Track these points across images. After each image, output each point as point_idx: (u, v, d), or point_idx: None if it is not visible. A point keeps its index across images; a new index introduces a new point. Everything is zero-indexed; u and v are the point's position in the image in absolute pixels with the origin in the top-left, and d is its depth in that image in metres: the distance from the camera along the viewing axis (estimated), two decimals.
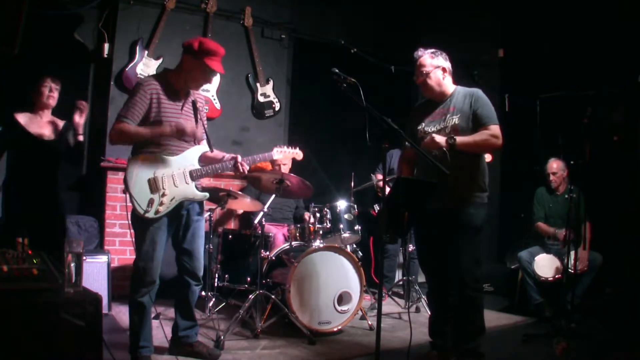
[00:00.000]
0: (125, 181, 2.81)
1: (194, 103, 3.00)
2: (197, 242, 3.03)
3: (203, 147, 3.04)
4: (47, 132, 3.63)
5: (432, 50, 3.09)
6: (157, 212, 2.82)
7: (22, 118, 3.57)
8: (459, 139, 2.90)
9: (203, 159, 3.02)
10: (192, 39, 2.93)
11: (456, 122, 2.97)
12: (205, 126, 3.08)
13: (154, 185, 2.82)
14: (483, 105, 3.00)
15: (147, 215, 2.80)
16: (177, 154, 2.90)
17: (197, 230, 3.04)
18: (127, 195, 2.80)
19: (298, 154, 3.45)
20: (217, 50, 2.90)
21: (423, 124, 3.11)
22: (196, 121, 3.00)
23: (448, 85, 3.09)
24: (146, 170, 2.81)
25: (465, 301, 3.00)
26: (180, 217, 2.96)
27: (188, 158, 2.94)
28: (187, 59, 2.89)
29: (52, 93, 3.61)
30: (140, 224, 2.85)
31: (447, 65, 3.08)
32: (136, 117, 2.81)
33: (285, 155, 3.34)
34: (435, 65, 3.05)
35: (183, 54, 2.93)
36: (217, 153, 3.09)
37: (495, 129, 2.97)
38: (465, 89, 3.09)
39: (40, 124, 3.61)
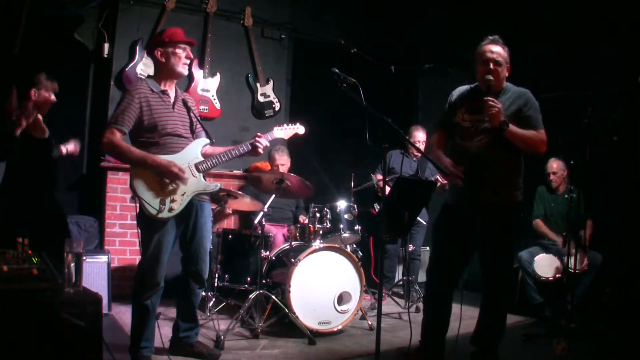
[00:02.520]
0: (131, 186, 2.78)
1: (184, 102, 3.00)
2: (204, 244, 3.02)
3: (204, 140, 3.02)
4: (44, 129, 3.63)
5: (503, 42, 3.00)
6: (170, 209, 2.79)
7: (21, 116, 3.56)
8: (512, 126, 2.82)
9: (207, 155, 2.99)
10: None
11: None
12: (201, 123, 3.08)
13: (162, 184, 2.79)
14: (534, 108, 2.96)
15: (160, 215, 2.76)
16: (178, 151, 2.88)
17: (206, 233, 3.03)
18: (137, 200, 2.77)
19: (300, 128, 3.29)
20: (175, 28, 2.95)
21: (464, 110, 3.01)
22: (190, 119, 3.00)
23: (505, 82, 3.03)
24: (151, 171, 2.79)
25: (495, 308, 2.99)
26: (189, 217, 2.95)
27: (190, 152, 2.92)
28: (158, 53, 2.89)
29: (53, 101, 3.62)
30: (148, 225, 2.82)
31: None
32: (127, 122, 2.77)
33: (287, 132, 3.24)
34: (506, 60, 2.98)
35: (152, 53, 2.93)
36: (217, 148, 3.06)
37: (543, 133, 2.93)
38: (516, 87, 3.03)
39: (35, 124, 3.61)
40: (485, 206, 2.92)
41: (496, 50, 2.94)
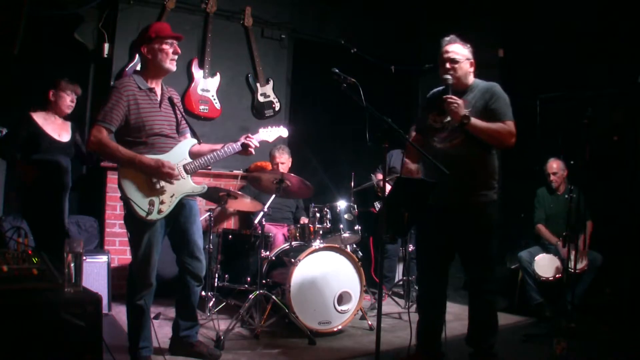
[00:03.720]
0: (120, 187, 2.76)
1: (170, 99, 2.98)
2: (197, 243, 3.01)
3: (191, 141, 3.01)
4: (62, 133, 3.66)
5: (462, 40, 3.00)
6: (160, 211, 2.79)
7: (37, 117, 3.59)
8: (474, 120, 2.81)
9: (193, 155, 2.97)
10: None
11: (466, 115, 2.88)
12: (186, 120, 3.06)
13: (151, 185, 2.78)
14: (500, 100, 2.93)
15: (150, 217, 2.75)
16: (166, 151, 2.87)
17: (197, 231, 3.02)
18: (125, 202, 2.76)
19: (283, 131, 3.33)
20: (163, 24, 2.94)
21: (435, 112, 3.02)
22: (176, 117, 2.98)
23: (470, 78, 3.02)
24: (140, 172, 2.77)
25: (481, 306, 2.99)
26: (178, 217, 2.94)
27: (179, 153, 2.91)
28: (144, 50, 2.86)
29: (73, 103, 3.67)
30: (136, 226, 2.81)
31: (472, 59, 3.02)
32: (115, 121, 2.74)
33: (271, 134, 3.25)
34: (466, 57, 2.97)
35: (139, 50, 2.90)
36: (204, 145, 3.05)
37: (511, 125, 2.90)
38: (484, 82, 3.03)
39: (55, 125, 3.64)
40: (459, 207, 2.93)
41: (452, 49, 2.95)
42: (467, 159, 2.90)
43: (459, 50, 2.96)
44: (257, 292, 3.62)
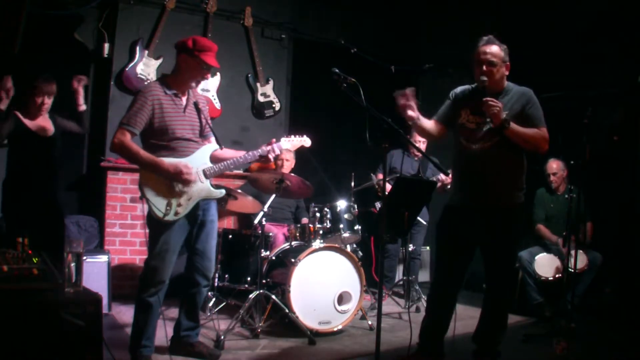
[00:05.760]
0: (140, 187, 2.83)
1: (195, 104, 3.01)
2: (210, 242, 3.05)
3: (213, 146, 3.05)
4: (46, 127, 3.65)
5: (499, 41, 2.97)
6: (176, 213, 2.84)
7: (20, 116, 3.59)
8: (514, 125, 2.82)
9: (214, 159, 3.02)
10: (185, 38, 2.93)
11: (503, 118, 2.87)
12: (210, 125, 3.09)
13: (170, 188, 2.83)
14: (536, 106, 2.94)
15: (166, 218, 2.81)
16: (188, 155, 2.91)
17: (211, 231, 3.05)
18: (144, 201, 2.82)
19: (306, 141, 3.33)
20: (212, 46, 2.93)
21: (469, 111, 2.99)
22: (200, 122, 3.01)
23: (504, 81, 3.01)
24: (159, 176, 2.83)
25: (497, 307, 3.01)
26: (196, 217, 2.98)
27: (199, 157, 2.95)
28: (183, 58, 2.90)
29: (44, 105, 3.62)
30: (155, 225, 2.87)
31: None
32: (139, 124, 2.80)
33: (293, 143, 3.27)
34: (504, 60, 2.95)
35: (178, 54, 2.94)
36: (226, 151, 3.09)
37: (545, 131, 2.92)
38: (517, 87, 3.02)
39: (37, 122, 3.63)
40: (489, 208, 2.93)
41: (490, 50, 2.92)
42: (501, 160, 2.91)
43: (496, 53, 2.92)
44: (257, 292, 3.62)
